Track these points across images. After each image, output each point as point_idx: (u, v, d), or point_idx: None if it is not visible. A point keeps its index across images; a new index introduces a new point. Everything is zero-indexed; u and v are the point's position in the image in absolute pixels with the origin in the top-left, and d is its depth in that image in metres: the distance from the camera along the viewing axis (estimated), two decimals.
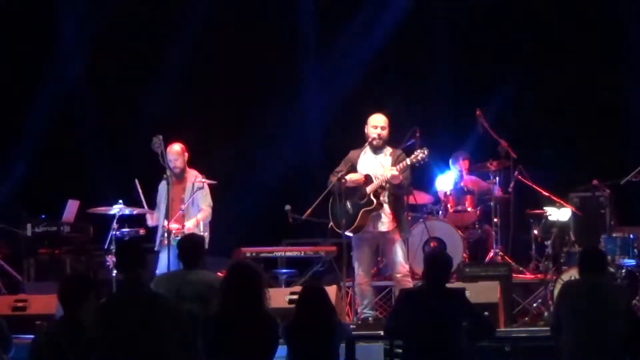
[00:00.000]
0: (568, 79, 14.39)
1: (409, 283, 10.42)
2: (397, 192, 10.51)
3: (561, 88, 14.46)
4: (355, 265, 10.62)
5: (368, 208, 10.42)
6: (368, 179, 10.51)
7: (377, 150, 10.62)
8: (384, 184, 10.44)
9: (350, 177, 10.54)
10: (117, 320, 6.60)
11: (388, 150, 10.65)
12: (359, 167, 10.61)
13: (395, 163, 10.44)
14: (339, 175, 10.49)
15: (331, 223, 10.62)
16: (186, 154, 11.24)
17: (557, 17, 14.49)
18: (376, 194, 10.44)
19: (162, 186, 11.19)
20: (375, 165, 10.58)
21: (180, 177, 11.18)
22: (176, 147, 11.20)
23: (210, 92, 14.80)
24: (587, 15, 14.32)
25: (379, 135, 10.58)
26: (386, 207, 10.48)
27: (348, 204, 10.50)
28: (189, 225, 10.96)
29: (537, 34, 14.54)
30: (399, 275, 10.50)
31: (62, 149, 14.59)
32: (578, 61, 14.38)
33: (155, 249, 11.07)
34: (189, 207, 11.12)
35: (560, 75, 14.46)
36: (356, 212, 10.45)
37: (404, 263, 10.52)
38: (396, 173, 10.32)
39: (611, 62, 14.37)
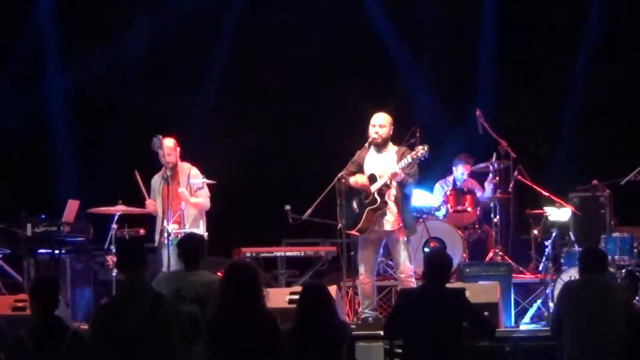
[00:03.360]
0: (568, 79, 14.41)
1: (413, 284, 10.39)
2: (400, 189, 10.48)
3: (561, 88, 14.48)
4: (359, 264, 10.59)
5: (372, 207, 10.39)
6: (372, 178, 10.49)
7: (380, 148, 10.58)
8: (388, 182, 10.41)
9: (355, 179, 10.49)
10: (121, 320, 6.60)
11: (393, 148, 10.61)
12: (365, 166, 10.58)
13: (400, 160, 10.41)
14: (339, 175, 10.47)
15: (340, 225, 10.57)
16: (178, 149, 11.19)
17: (556, 17, 14.51)
18: (381, 192, 10.40)
19: (155, 181, 11.17)
20: (379, 164, 10.54)
21: (173, 171, 11.11)
22: (169, 142, 11.14)
23: (210, 91, 14.81)
24: (586, 14, 14.34)
25: (377, 133, 10.53)
26: (391, 205, 10.46)
27: (354, 203, 10.48)
28: (193, 201, 10.98)
29: (537, 34, 14.56)
30: (403, 276, 10.48)
31: (62, 149, 14.60)
32: (578, 60, 14.40)
33: (156, 245, 11.04)
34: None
35: (560, 74, 14.48)
36: (362, 212, 10.42)
37: (408, 264, 10.49)
38: (397, 171, 10.28)
39: (611, 62, 14.39)
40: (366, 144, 10.59)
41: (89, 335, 6.70)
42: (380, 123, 10.56)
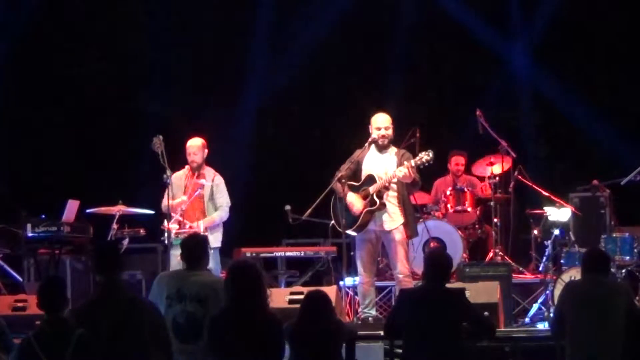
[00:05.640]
0: (567, 79, 14.42)
1: (410, 284, 10.39)
2: (409, 189, 10.49)
3: (560, 88, 14.48)
4: (358, 264, 10.59)
5: (371, 208, 10.39)
6: (371, 179, 10.48)
7: (382, 149, 10.58)
8: (387, 184, 10.41)
9: (352, 201, 10.49)
10: (95, 321, 6.64)
11: (393, 149, 10.60)
12: (363, 166, 10.56)
13: (400, 163, 10.40)
14: (339, 175, 10.47)
15: (332, 222, 10.58)
16: (206, 150, 11.03)
17: (554, 17, 14.52)
18: (379, 194, 10.40)
19: (176, 177, 11.00)
20: (379, 165, 10.53)
21: (196, 171, 11.01)
22: (197, 141, 11.01)
23: (208, 92, 14.83)
24: (584, 13, 14.36)
25: (384, 137, 10.55)
26: (389, 206, 10.45)
27: None
28: (205, 224, 10.80)
29: (536, 34, 14.57)
30: (400, 276, 10.48)
31: (62, 149, 14.61)
32: (577, 60, 14.41)
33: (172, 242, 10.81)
34: (207, 203, 10.98)
35: (559, 74, 14.48)
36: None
37: (405, 264, 10.49)
38: (407, 172, 10.25)
39: (611, 61, 14.40)
40: (366, 144, 10.59)
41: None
42: (386, 126, 10.56)
